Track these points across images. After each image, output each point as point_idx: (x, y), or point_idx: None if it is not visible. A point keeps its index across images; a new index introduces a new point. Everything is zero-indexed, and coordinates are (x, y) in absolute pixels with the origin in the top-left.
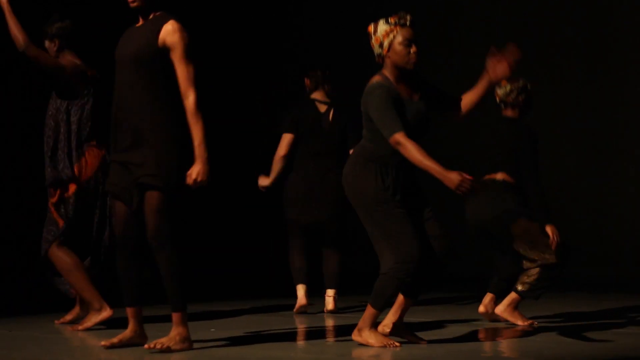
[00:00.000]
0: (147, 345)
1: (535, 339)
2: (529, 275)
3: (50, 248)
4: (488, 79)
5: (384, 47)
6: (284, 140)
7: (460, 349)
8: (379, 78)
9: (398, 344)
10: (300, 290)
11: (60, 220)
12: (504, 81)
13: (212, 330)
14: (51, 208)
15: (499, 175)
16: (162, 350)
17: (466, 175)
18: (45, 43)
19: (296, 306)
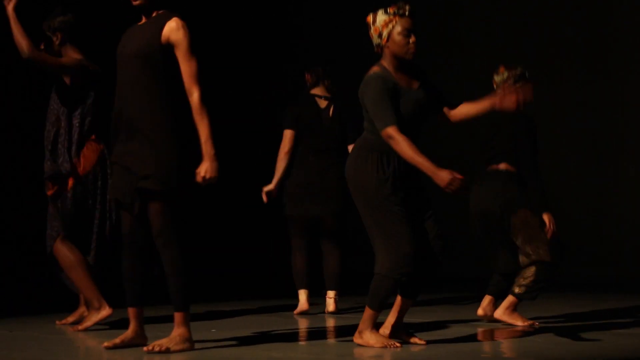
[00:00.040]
0: (146, 347)
1: (535, 339)
2: (525, 277)
3: (55, 244)
4: (492, 104)
5: (382, 37)
6: (286, 136)
7: (461, 349)
8: (377, 69)
9: (399, 344)
10: (302, 295)
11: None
12: (501, 68)
13: (213, 331)
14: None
15: (502, 166)
16: (162, 352)
17: (457, 175)
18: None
19: (297, 310)
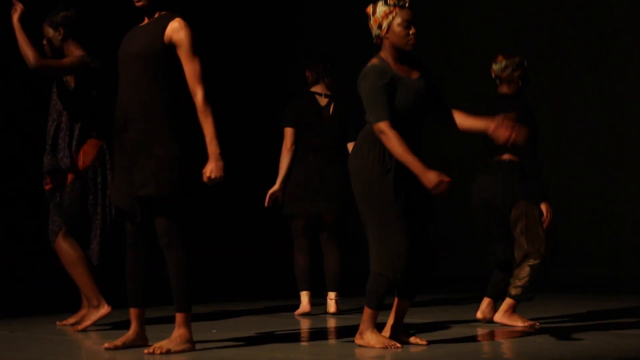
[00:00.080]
0: (147, 350)
1: (535, 339)
2: (520, 278)
3: (57, 239)
4: (486, 127)
5: (382, 28)
6: (287, 134)
7: (461, 350)
8: (375, 61)
9: (399, 345)
10: (305, 297)
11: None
12: (500, 57)
13: (214, 332)
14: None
15: (505, 156)
16: (162, 354)
17: (445, 177)
18: (48, 31)
19: (299, 311)
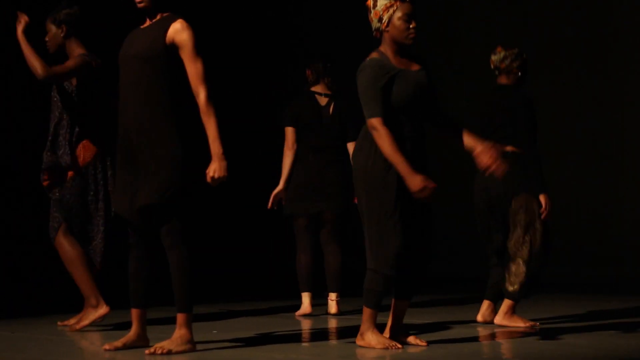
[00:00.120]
0: (148, 350)
1: (535, 340)
2: (516, 275)
3: (57, 236)
4: (471, 148)
5: (382, 22)
6: (288, 133)
7: (461, 350)
8: (375, 55)
9: (400, 345)
10: (306, 298)
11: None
12: (499, 47)
13: (214, 332)
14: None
15: (507, 148)
16: (163, 354)
17: (430, 183)
18: (50, 28)
19: (300, 312)
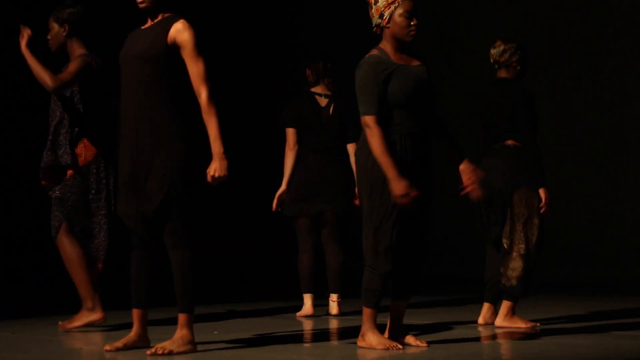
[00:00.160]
0: (149, 351)
1: (536, 341)
2: (513, 269)
3: (59, 234)
4: (457, 162)
5: (384, 18)
6: (289, 133)
7: (462, 351)
8: (375, 51)
9: (401, 346)
10: (308, 299)
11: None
12: (498, 41)
13: (215, 333)
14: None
15: (509, 142)
16: (164, 354)
17: (413, 191)
18: (53, 27)
19: (301, 313)
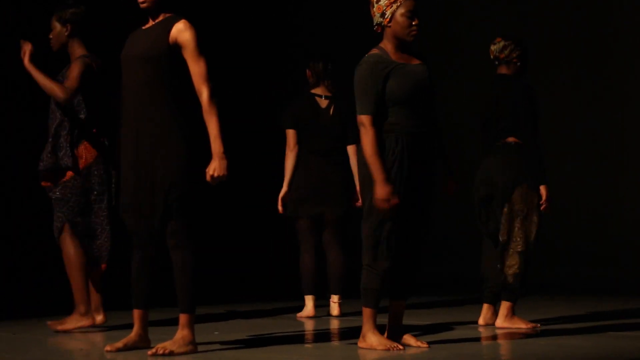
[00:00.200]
0: (150, 351)
1: (536, 341)
2: (510, 267)
3: (62, 234)
4: (444, 174)
5: (385, 17)
6: (289, 135)
7: (463, 351)
8: (375, 51)
9: (402, 347)
10: (309, 301)
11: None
12: (498, 38)
13: (216, 333)
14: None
15: (510, 139)
16: (165, 355)
17: (395, 199)
18: (55, 26)
19: (302, 314)
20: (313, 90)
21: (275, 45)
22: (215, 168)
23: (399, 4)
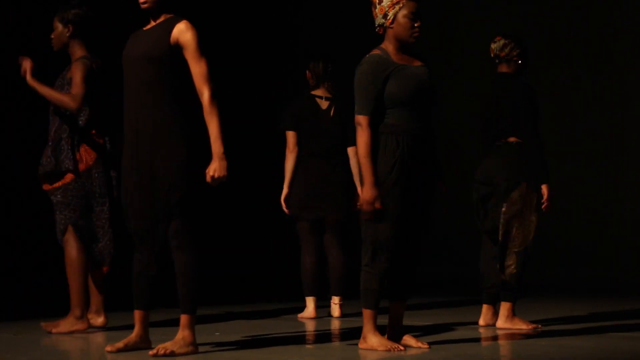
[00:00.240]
0: (151, 351)
1: (537, 342)
2: (507, 266)
3: (66, 236)
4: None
5: (387, 18)
6: (289, 136)
7: (463, 352)
8: (376, 51)
9: (402, 347)
10: (311, 302)
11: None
12: (498, 36)
13: (217, 334)
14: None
15: (511, 139)
16: (166, 355)
17: (378, 204)
18: (57, 26)
19: (303, 315)
20: (313, 92)
21: (276, 46)
22: (215, 169)
23: (401, 5)
